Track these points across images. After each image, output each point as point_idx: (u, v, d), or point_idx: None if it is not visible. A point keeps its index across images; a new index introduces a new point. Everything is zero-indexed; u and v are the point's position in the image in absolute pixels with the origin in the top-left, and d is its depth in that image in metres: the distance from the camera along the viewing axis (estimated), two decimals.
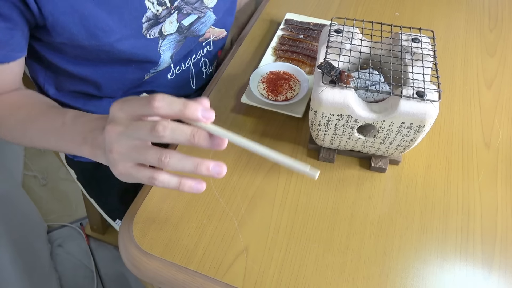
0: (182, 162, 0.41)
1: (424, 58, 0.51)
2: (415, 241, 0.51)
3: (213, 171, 0.41)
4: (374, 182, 0.56)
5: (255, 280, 0.47)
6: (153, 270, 0.49)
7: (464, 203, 0.54)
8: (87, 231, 1.32)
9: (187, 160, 0.41)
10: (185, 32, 0.66)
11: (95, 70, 0.63)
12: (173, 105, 0.39)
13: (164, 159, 0.40)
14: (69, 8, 0.51)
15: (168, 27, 0.62)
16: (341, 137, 0.53)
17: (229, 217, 0.52)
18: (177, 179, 0.42)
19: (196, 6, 0.65)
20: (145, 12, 0.58)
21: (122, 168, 0.42)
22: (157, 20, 0.60)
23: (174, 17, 0.62)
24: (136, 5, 0.57)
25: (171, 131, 0.39)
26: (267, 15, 0.82)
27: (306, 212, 0.53)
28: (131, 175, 0.43)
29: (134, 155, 0.41)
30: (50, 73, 0.66)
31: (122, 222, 0.53)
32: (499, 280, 0.48)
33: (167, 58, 0.65)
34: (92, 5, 0.52)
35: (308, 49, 0.72)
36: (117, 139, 0.41)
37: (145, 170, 0.42)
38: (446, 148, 0.60)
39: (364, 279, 0.47)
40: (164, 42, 0.63)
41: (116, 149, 0.41)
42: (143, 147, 0.41)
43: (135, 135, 0.40)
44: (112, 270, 1.26)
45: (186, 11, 0.64)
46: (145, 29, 0.59)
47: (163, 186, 0.42)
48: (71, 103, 0.69)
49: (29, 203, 1.27)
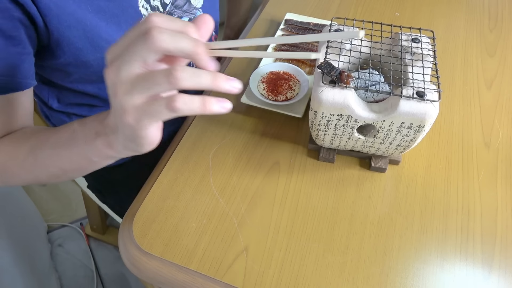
0: (196, 74, 0.34)
1: (424, 58, 0.51)
2: (415, 241, 0.51)
3: (230, 83, 0.35)
4: (374, 182, 0.56)
5: (255, 280, 0.47)
6: (153, 270, 0.49)
7: (464, 203, 0.54)
8: (87, 231, 1.32)
9: (202, 72, 0.34)
10: None
11: (99, 87, 0.63)
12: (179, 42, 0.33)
13: (175, 73, 0.33)
14: (73, 21, 0.51)
15: None
16: (341, 137, 0.53)
17: (229, 217, 0.53)
18: (200, 97, 0.35)
19: (186, 9, 0.65)
20: (140, 19, 0.58)
21: (132, 109, 0.35)
22: None
23: None
24: (132, 13, 0.57)
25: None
26: (267, 15, 0.83)
27: (306, 212, 0.53)
28: (145, 113, 0.35)
29: (140, 83, 0.34)
30: (54, 89, 0.65)
31: (122, 222, 0.53)
32: (499, 280, 0.48)
33: None
34: (92, 15, 0.52)
35: (308, 49, 0.72)
36: (117, 73, 0.35)
37: (159, 99, 0.35)
38: (446, 148, 0.60)
39: (364, 279, 0.48)
40: None
41: (119, 88, 0.35)
42: (147, 72, 0.34)
43: (133, 58, 0.34)
44: (112, 270, 1.26)
45: (177, 15, 0.64)
46: None
47: (186, 108, 0.34)
48: (76, 112, 0.69)
49: (29, 203, 1.27)
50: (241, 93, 0.65)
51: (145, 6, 0.58)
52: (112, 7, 0.54)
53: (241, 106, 0.65)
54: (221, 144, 0.60)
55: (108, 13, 0.54)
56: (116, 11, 0.55)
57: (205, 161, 0.58)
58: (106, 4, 0.53)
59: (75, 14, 0.50)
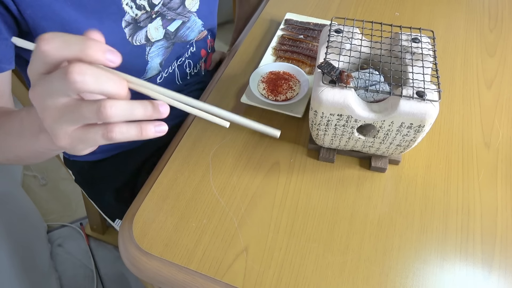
0: (128, 109, 0.32)
1: (424, 58, 0.51)
2: (415, 241, 0.51)
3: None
4: (374, 182, 0.56)
5: (255, 280, 0.47)
6: (153, 270, 0.49)
7: (464, 203, 0.54)
8: (87, 231, 1.32)
9: (134, 107, 0.33)
10: (172, 38, 0.65)
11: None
12: (70, 46, 0.30)
13: (105, 110, 0.31)
14: (50, 12, 0.50)
15: (154, 33, 0.62)
16: (341, 137, 0.53)
17: (229, 217, 0.53)
18: (137, 125, 0.34)
19: (179, 11, 0.65)
20: (123, 16, 0.57)
21: (64, 136, 0.34)
22: (136, 24, 0.59)
23: (159, 23, 0.62)
24: (114, 9, 0.56)
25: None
26: (267, 15, 0.83)
27: (306, 212, 0.53)
28: (79, 140, 0.34)
29: (68, 114, 0.32)
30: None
31: (122, 222, 0.53)
32: (499, 280, 0.48)
33: (155, 65, 0.65)
34: (70, 9, 0.51)
35: (308, 49, 0.72)
36: (41, 99, 0.33)
37: (94, 127, 0.34)
38: (446, 148, 0.60)
39: (364, 279, 0.48)
40: (152, 49, 0.63)
41: (47, 115, 0.33)
42: (74, 104, 0.32)
43: (55, 92, 0.32)
44: (112, 270, 1.26)
45: (170, 17, 0.64)
46: (129, 36, 0.58)
47: (122, 137, 0.34)
48: None
49: (29, 203, 1.27)
50: (241, 93, 0.65)
51: (129, 4, 0.57)
52: (93, 3, 0.53)
53: (241, 106, 0.65)
54: (221, 144, 0.60)
55: (88, 8, 0.53)
56: (98, 7, 0.54)
57: (205, 161, 0.58)
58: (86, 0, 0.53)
59: (51, 6, 0.50)
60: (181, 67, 0.75)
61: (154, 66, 0.65)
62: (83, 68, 0.30)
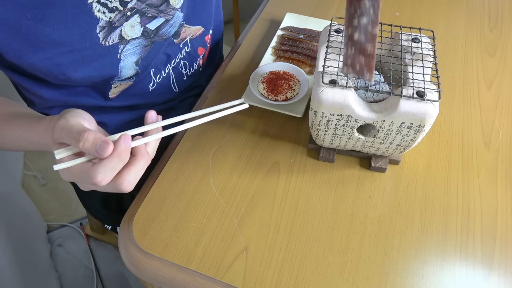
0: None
1: (424, 58, 0.51)
2: (415, 241, 0.51)
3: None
4: (374, 182, 0.56)
5: (255, 280, 0.47)
6: (153, 270, 0.49)
7: (464, 203, 0.54)
8: (87, 231, 1.32)
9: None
10: (152, 36, 0.62)
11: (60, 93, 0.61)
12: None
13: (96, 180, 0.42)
14: (2, 25, 0.48)
15: (130, 31, 0.58)
16: (341, 137, 0.53)
17: (229, 217, 0.53)
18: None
19: (162, 9, 0.61)
20: (97, 23, 0.54)
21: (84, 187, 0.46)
22: (111, 26, 0.56)
23: (137, 21, 0.58)
24: (86, 18, 0.53)
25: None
26: (267, 15, 0.83)
27: (306, 212, 0.53)
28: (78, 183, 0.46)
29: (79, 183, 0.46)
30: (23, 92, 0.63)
31: (122, 222, 0.53)
32: (499, 280, 0.48)
33: (129, 63, 0.61)
34: (30, 22, 0.49)
35: (308, 49, 0.72)
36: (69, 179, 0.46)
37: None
38: (446, 148, 0.60)
39: (364, 279, 0.48)
40: (126, 47, 0.59)
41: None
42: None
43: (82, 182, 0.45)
44: (112, 270, 1.26)
45: (151, 14, 0.60)
46: (103, 38, 0.56)
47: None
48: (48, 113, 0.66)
49: (29, 203, 1.27)
50: (241, 93, 0.65)
51: (101, 10, 0.54)
52: (59, 14, 0.51)
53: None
54: (221, 144, 0.60)
55: (54, 20, 0.50)
56: (65, 17, 0.51)
57: (205, 161, 0.58)
58: (51, 12, 0.50)
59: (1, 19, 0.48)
60: (176, 69, 0.72)
61: (129, 65, 0.61)
62: (105, 178, 0.42)
